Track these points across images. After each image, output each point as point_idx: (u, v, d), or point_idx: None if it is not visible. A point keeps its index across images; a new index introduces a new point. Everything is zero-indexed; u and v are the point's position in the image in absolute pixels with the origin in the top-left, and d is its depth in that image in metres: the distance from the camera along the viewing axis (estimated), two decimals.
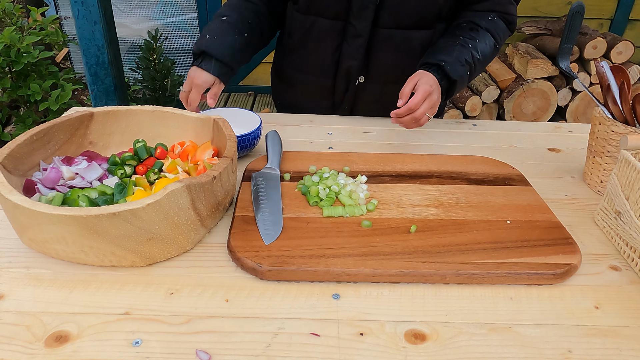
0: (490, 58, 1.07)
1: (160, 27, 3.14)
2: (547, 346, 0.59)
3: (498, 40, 1.06)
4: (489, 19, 1.05)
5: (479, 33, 1.03)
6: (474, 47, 1.01)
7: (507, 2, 1.07)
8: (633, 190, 0.72)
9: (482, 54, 1.02)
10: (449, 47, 1.01)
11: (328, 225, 0.76)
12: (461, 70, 0.99)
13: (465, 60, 0.99)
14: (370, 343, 0.59)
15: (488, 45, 1.04)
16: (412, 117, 0.93)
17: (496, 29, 1.06)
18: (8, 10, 2.22)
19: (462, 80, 1.00)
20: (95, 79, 1.75)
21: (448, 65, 0.97)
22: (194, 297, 0.64)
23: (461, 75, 0.99)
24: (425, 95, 0.93)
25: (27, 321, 0.60)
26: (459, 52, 0.99)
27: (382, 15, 1.04)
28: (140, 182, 0.78)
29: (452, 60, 0.98)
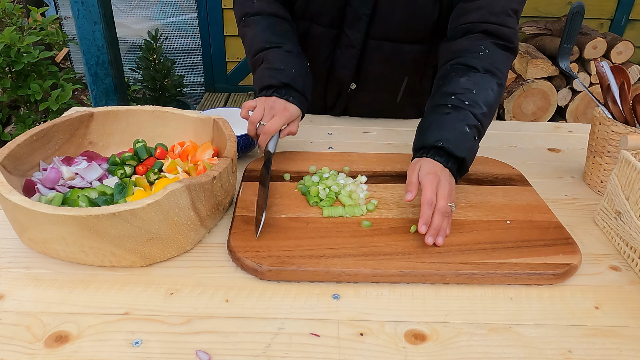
0: (497, 101, 0.86)
1: (160, 27, 3.14)
2: (547, 346, 0.59)
3: (500, 76, 0.86)
4: (480, 54, 0.86)
5: (474, 80, 0.84)
6: (473, 101, 0.81)
7: (503, 14, 0.89)
8: (633, 190, 0.72)
9: (486, 103, 0.82)
10: (442, 118, 0.81)
11: (328, 225, 0.76)
12: (467, 141, 0.79)
13: (468, 125, 0.79)
14: (370, 343, 0.59)
15: (491, 90, 0.84)
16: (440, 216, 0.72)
17: (494, 64, 0.86)
18: (8, 10, 2.22)
19: (472, 152, 0.81)
20: (95, 79, 1.75)
21: (448, 143, 0.78)
22: (194, 297, 0.64)
23: (469, 147, 0.80)
24: (434, 187, 0.74)
25: (27, 321, 0.59)
26: (455, 121, 0.80)
27: (373, 27, 1.02)
28: (140, 182, 0.78)
29: (453, 135, 0.79)
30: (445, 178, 0.76)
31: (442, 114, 0.82)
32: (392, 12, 0.99)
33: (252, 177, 0.89)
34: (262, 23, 1.00)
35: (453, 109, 0.81)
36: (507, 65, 0.90)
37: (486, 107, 0.82)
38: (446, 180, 0.76)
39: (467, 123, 0.80)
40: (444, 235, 0.72)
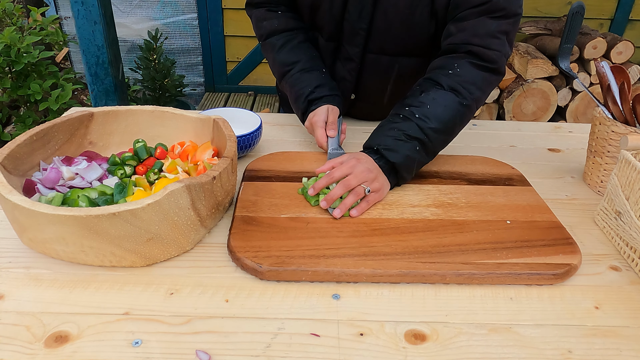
0: (459, 120, 0.89)
1: (160, 27, 3.14)
2: (547, 346, 0.59)
3: (466, 95, 0.87)
4: (449, 72, 0.88)
5: (430, 95, 0.87)
6: (423, 116, 0.85)
7: (487, 35, 0.88)
8: (633, 191, 0.72)
9: (439, 120, 0.85)
10: (388, 125, 0.88)
11: (328, 225, 0.76)
12: (403, 148, 0.84)
13: (409, 136, 0.84)
14: (370, 343, 0.59)
15: (448, 108, 0.86)
16: (343, 186, 0.79)
17: (461, 83, 0.87)
18: (8, 10, 2.22)
19: (408, 160, 0.85)
20: (95, 79, 1.75)
21: (383, 148, 0.85)
22: (194, 297, 0.64)
23: (406, 154, 0.84)
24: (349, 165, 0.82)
25: (27, 321, 0.60)
26: (397, 130, 0.85)
27: (371, 41, 1.03)
28: (140, 182, 0.78)
29: (390, 141, 0.85)
30: (366, 165, 0.83)
31: (392, 122, 0.88)
32: (389, 27, 0.99)
33: (252, 177, 0.89)
34: (277, 44, 1.06)
35: (402, 119, 0.87)
36: (481, 86, 0.90)
37: (437, 123, 0.86)
38: (366, 166, 0.83)
39: (407, 133, 0.85)
40: (344, 209, 0.78)
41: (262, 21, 1.08)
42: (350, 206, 0.79)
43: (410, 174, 0.88)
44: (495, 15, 0.88)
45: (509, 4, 0.88)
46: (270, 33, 1.07)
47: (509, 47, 0.92)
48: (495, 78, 0.92)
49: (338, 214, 0.78)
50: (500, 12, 0.88)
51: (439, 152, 0.91)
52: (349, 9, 0.98)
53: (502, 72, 0.93)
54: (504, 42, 0.90)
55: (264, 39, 1.09)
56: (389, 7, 0.96)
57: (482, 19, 0.88)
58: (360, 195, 0.80)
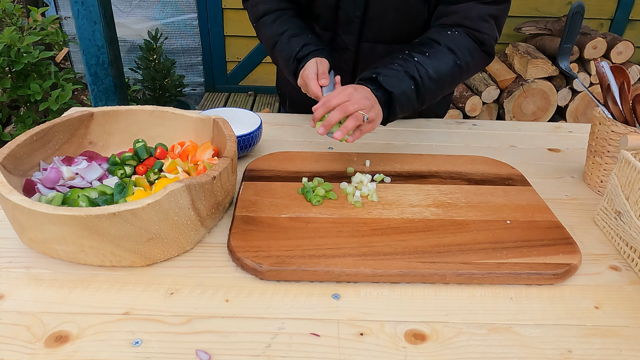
0: (451, 77, 0.92)
1: (160, 27, 3.14)
2: (547, 346, 0.59)
3: (460, 57, 0.91)
4: (448, 33, 0.92)
5: (432, 48, 0.91)
6: (422, 61, 0.88)
7: (478, 18, 0.93)
8: (633, 190, 0.72)
9: (436, 70, 0.89)
10: (388, 60, 0.90)
11: (328, 225, 0.76)
12: (401, 83, 0.86)
13: (407, 72, 0.87)
14: (370, 343, 0.59)
15: (444, 62, 0.90)
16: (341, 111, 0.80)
17: (457, 45, 0.91)
18: (8, 10, 2.21)
19: (404, 95, 0.87)
20: (95, 79, 1.75)
21: (382, 76, 0.86)
22: (194, 297, 0.64)
23: (402, 89, 0.86)
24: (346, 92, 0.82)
25: (27, 321, 0.60)
26: (399, 65, 0.88)
27: (366, 30, 1.04)
28: (140, 182, 0.78)
29: (389, 72, 0.87)
30: (363, 94, 0.83)
31: (392, 60, 0.90)
32: (384, 14, 1.00)
33: (252, 177, 0.89)
34: (268, 21, 1.07)
35: (402, 59, 0.89)
36: (474, 55, 0.94)
37: (433, 72, 0.88)
38: (363, 94, 0.83)
39: (407, 70, 0.87)
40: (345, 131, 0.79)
41: (256, 5, 1.09)
42: (350, 129, 0.80)
43: (402, 111, 0.89)
44: (485, 1, 0.93)
45: None
46: (263, 14, 1.08)
47: (498, 31, 0.97)
48: (486, 57, 0.97)
49: (339, 136, 0.79)
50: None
51: (426, 103, 0.93)
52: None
53: (491, 54, 0.98)
54: (493, 26, 0.95)
55: (257, 20, 1.10)
56: None
57: (473, 4, 0.93)
58: (359, 121, 0.80)
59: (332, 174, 0.91)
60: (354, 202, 0.82)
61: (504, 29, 1.00)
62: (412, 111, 0.92)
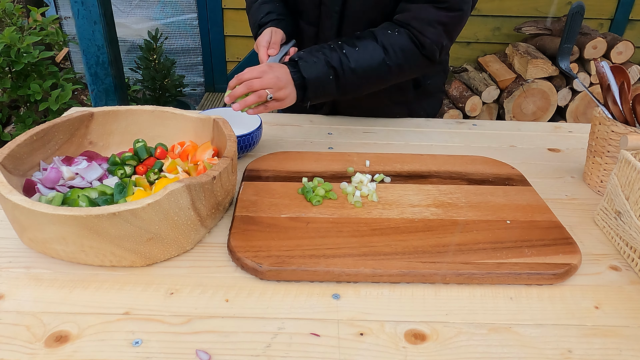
0: (376, 74, 0.95)
1: (160, 27, 3.14)
2: (547, 346, 0.59)
3: (392, 57, 0.94)
4: (389, 32, 0.95)
5: (365, 42, 0.94)
6: (350, 54, 0.92)
7: (425, 21, 0.94)
8: (633, 190, 0.72)
9: (359, 63, 0.92)
10: (318, 47, 0.95)
11: (328, 225, 0.76)
12: (319, 70, 0.91)
13: (328, 62, 0.91)
14: (370, 343, 0.59)
15: (371, 58, 0.93)
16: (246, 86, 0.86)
17: (392, 45, 0.94)
18: (8, 10, 2.21)
19: (318, 82, 0.92)
20: (95, 79, 1.75)
21: (302, 61, 0.91)
22: (194, 297, 0.64)
23: (317, 76, 0.91)
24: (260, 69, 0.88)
25: (27, 321, 0.60)
26: (323, 54, 0.92)
27: (345, 25, 1.05)
28: (140, 182, 0.78)
29: (310, 58, 0.91)
30: (276, 73, 0.88)
31: (321, 47, 0.94)
32: (362, 11, 1.02)
33: (252, 177, 0.89)
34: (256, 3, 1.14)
35: (330, 48, 0.94)
36: (409, 57, 0.96)
37: (357, 66, 0.93)
38: (276, 74, 0.88)
39: (329, 60, 0.92)
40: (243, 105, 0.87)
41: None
42: (249, 104, 0.87)
43: (317, 96, 0.94)
44: (439, 5, 0.94)
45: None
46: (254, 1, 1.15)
47: (447, 39, 0.98)
48: (425, 61, 0.98)
49: (236, 108, 0.86)
50: (444, 4, 0.94)
51: (350, 93, 0.97)
52: None
53: (432, 59, 0.99)
54: (440, 32, 0.96)
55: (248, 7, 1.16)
56: None
57: (426, 6, 0.94)
58: (262, 98, 0.87)
59: (332, 174, 0.91)
60: (354, 202, 0.82)
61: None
62: (333, 98, 0.97)
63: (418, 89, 1.19)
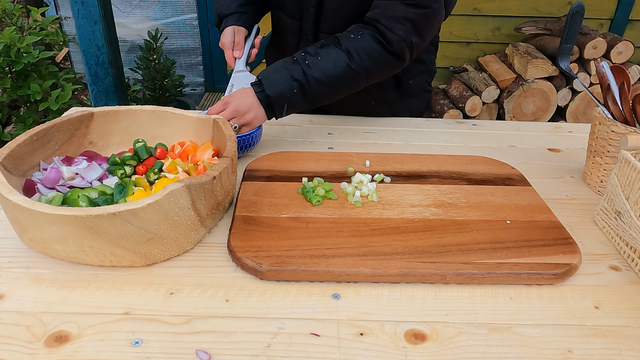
0: (343, 79, 0.95)
1: (160, 27, 3.14)
2: (547, 346, 0.59)
3: (356, 60, 0.94)
4: (352, 36, 0.95)
5: (328, 50, 0.94)
6: (312, 64, 0.93)
7: (392, 18, 0.94)
8: (633, 190, 0.72)
9: (325, 72, 0.93)
10: (280, 62, 0.95)
11: (328, 225, 0.76)
12: (281, 85, 0.92)
13: (292, 76, 0.92)
14: (370, 343, 0.59)
15: (335, 65, 0.93)
16: None
17: (356, 49, 0.94)
18: (8, 10, 2.21)
19: (283, 98, 0.93)
20: (95, 79, 1.75)
21: (265, 79, 0.93)
22: (194, 297, 0.64)
23: (280, 92, 0.92)
24: (221, 103, 0.93)
25: (27, 321, 0.60)
26: (285, 69, 0.93)
27: (322, 21, 1.07)
28: (140, 182, 0.78)
29: (273, 75, 0.93)
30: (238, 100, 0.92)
31: (284, 62, 0.95)
32: (339, 6, 1.03)
33: (252, 177, 0.89)
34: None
35: (292, 61, 0.94)
36: (375, 58, 0.96)
37: (321, 74, 0.93)
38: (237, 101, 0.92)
39: (292, 74, 0.93)
40: None
41: None
42: None
43: (286, 110, 0.95)
44: (408, 2, 0.94)
45: None
46: None
47: (417, 36, 0.96)
48: (393, 60, 0.98)
49: None
50: (412, 0, 0.94)
51: (321, 102, 0.98)
52: None
53: (402, 57, 0.98)
54: (409, 29, 0.95)
55: None
56: None
57: (394, 2, 0.94)
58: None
59: (332, 174, 0.91)
60: (354, 202, 0.82)
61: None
62: (303, 109, 0.98)
63: (400, 87, 1.18)
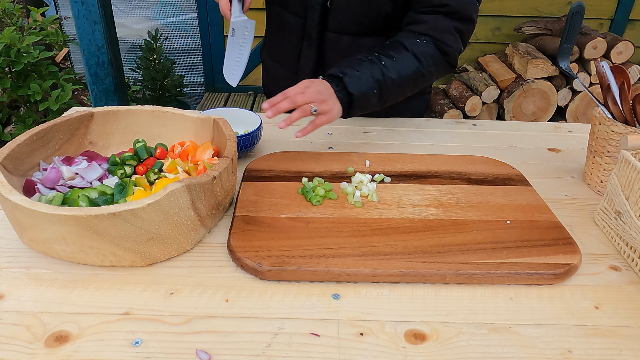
0: (412, 82, 0.97)
1: (160, 27, 3.14)
2: (547, 346, 0.59)
3: (424, 65, 0.95)
4: (417, 41, 0.96)
5: (400, 52, 0.94)
6: (389, 65, 0.92)
7: (444, 30, 0.97)
8: (633, 191, 0.72)
9: (400, 74, 0.93)
10: (356, 60, 0.93)
11: (328, 225, 0.76)
12: (364, 86, 0.90)
13: (372, 76, 0.90)
14: (370, 343, 0.59)
15: (409, 67, 0.94)
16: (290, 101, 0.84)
17: (423, 54, 0.95)
18: (8, 10, 2.21)
19: (364, 97, 0.91)
20: (95, 79, 1.75)
21: (347, 77, 0.89)
22: (194, 297, 0.64)
23: (363, 91, 0.90)
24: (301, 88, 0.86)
25: (27, 321, 0.60)
26: (365, 68, 0.91)
27: (330, 19, 1.06)
28: (140, 182, 0.78)
29: (355, 73, 0.90)
30: (317, 87, 0.87)
31: (358, 60, 0.93)
32: (348, 5, 1.03)
33: (252, 177, 0.89)
34: None
35: (369, 61, 0.92)
36: (437, 65, 0.99)
37: (397, 76, 0.93)
38: (317, 88, 0.86)
39: (373, 74, 0.91)
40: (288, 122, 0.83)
41: None
42: (295, 120, 0.84)
43: (361, 110, 0.93)
44: (452, 16, 0.98)
45: (465, 9, 0.97)
46: None
47: (462, 45, 1.02)
48: (449, 68, 1.02)
49: (282, 125, 0.82)
50: (456, 15, 0.98)
51: (387, 103, 0.98)
52: None
53: (454, 65, 1.03)
54: (458, 39, 1.00)
55: None
56: None
57: (441, 16, 0.97)
58: (306, 113, 0.85)
59: (332, 174, 0.91)
60: (354, 202, 0.82)
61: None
62: (372, 110, 0.97)
63: None
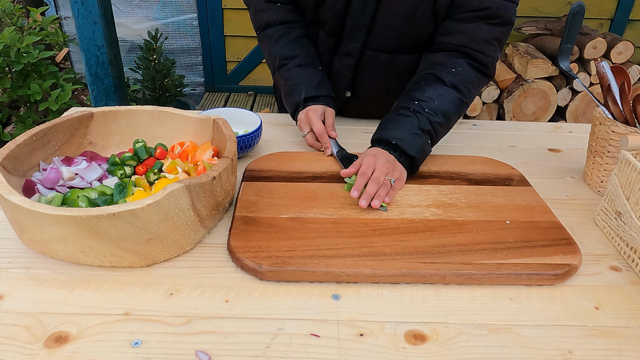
0: (456, 115, 0.96)
1: (160, 27, 3.14)
2: (547, 347, 0.59)
3: (465, 93, 0.94)
4: (452, 70, 0.94)
5: (438, 90, 0.93)
6: (433, 110, 0.91)
7: (483, 41, 0.94)
8: (633, 191, 0.72)
9: (445, 114, 0.92)
10: (401, 119, 0.91)
11: (328, 225, 0.76)
12: (419, 142, 0.89)
13: (422, 129, 0.90)
14: (370, 344, 0.58)
15: (451, 103, 0.93)
16: (374, 182, 0.82)
17: (462, 82, 0.94)
18: (8, 10, 2.21)
19: (422, 152, 0.90)
20: (95, 79, 1.75)
21: (402, 142, 0.88)
22: (194, 298, 0.64)
23: (421, 148, 0.89)
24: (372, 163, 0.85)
25: (27, 322, 0.59)
26: (412, 124, 0.90)
27: (371, 38, 1.04)
28: (140, 183, 0.78)
29: (407, 136, 0.89)
30: (383, 159, 0.87)
31: (404, 116, 0.92)
32: (391, 24, 1.00)
33: (252, 177, 0.89)
34: (273, 36, 1.07)
35: (413, 113, 0.91)
36: (477, 85, 0.98)
37: (443, 117, 0.92)
38: (383, 160, 0.86)
39: (421, 127, 0.90)
40: (380, 200, 0.81)
41: (259, 12, 1.09)
42: (383, 197, 0.82)
43: (421, 162, 0.93)
44: (493, 22, 0.94)
45: (506, 12, 0.93)
46: (268, 24, 1.08)
47: (499, 53, 0.99)
48: (486, 80, 1.00)
49: (364, 205, 0.80)
50: (497, 20, 0.93)
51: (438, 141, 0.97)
52: (352, 4, 0.99)
53: (492, 75, 1.00)
54: (497, 48, 0.97)
55: (260, 30, 1.10)
56: (393, 4, 0.97)
57: (480, 24, 0.94)
58: (387, 187, 0.84)
59: (332, 174, 0.91)
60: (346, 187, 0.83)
61: None
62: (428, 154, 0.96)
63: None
